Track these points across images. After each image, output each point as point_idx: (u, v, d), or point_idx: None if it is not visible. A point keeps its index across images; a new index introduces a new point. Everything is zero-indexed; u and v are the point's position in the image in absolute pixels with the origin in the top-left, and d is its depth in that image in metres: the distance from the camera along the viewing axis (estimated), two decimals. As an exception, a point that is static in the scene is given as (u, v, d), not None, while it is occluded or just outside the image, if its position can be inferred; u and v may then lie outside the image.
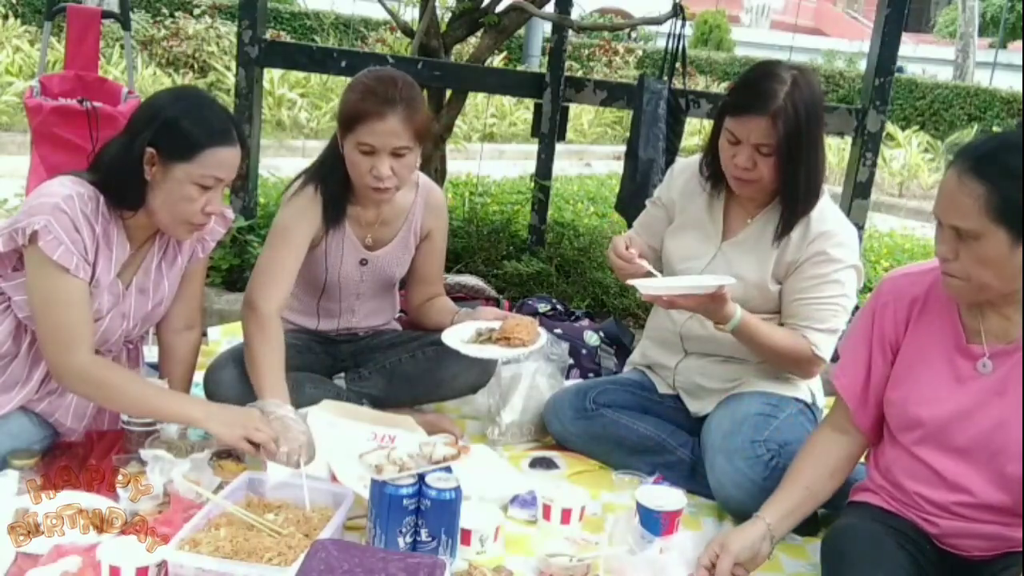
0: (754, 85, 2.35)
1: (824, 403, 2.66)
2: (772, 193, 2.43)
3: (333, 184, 2.47)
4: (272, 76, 8.78)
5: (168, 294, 2.31)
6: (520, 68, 10.65)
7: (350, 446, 2.16)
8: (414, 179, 2.62)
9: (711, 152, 2.47)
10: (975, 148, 1.73)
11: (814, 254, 2.40)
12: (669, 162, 3.52)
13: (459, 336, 2.49)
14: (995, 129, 12.07)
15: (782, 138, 2.28)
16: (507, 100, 10.11)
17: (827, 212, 2.44)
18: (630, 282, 2.40)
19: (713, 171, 2.49)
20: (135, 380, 2.17)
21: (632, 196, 3.54)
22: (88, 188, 2.08)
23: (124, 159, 2.06)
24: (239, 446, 2.08)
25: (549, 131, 4.00)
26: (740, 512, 2.37)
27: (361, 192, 2.46)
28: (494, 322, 2.52)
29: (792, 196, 2.39)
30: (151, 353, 2.53)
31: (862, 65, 11.67)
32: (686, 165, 2.63)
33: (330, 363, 2.74)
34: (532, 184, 4.21)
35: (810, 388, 2.57)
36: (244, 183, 3.96)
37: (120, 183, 2.08)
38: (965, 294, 1.80)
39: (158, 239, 2.26)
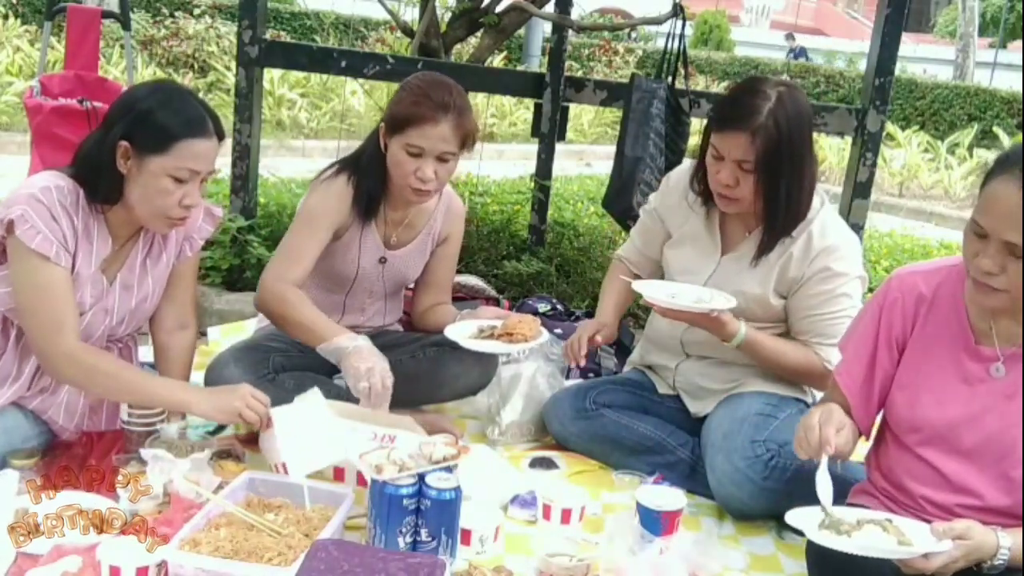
0: (737, 100, 2.34)
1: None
2: (758, 211, 2.41)
3: (370, 179, 2.50)
4: (272, 76, 8.78)
5: (153, 291, 2.30)
6: (520, 68, 10.65)
7: (350, 446, 2.16)
8: None
9: (701, 168, 2.44)
10: None
11: (819, 270, 2.39)
12: (675, 162, 3.51)
13: (461, 332, 2.51)
14: (995, 129, 12.06)
15: (761, 155, 2.26)
16: (507, 100, 10.11)
17: (828, 226, 2.42)
18: (635, 285, 2.45)
19: (704, 187, 2.47)
20: (125, 366, 2.17)
21: (617, 193, 3.56)
22: (68, 182, 2.08)
23: (97, 153, 2.06)
24: (232, 422, 2.09)
25: (549, 131, 4.00)
26: (740, 511, 2.38)
27: (398, 192, 2.50)
28: (496, 320, 2.54)
29: (772, 214, 2.37)
30: (149, 353, 2.52)
31: (862, 65, 11.67)
32: (682, 175, 2.61)
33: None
34: (532, 184, 4.21)
35: (810, 389, 2.56)
36: (244, 183, 3.96)
37: (94, 176, 2.08)
38: (1005, 305, 1.74)
39: (142, 236, 2.25)
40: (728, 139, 2.30)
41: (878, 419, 2.04)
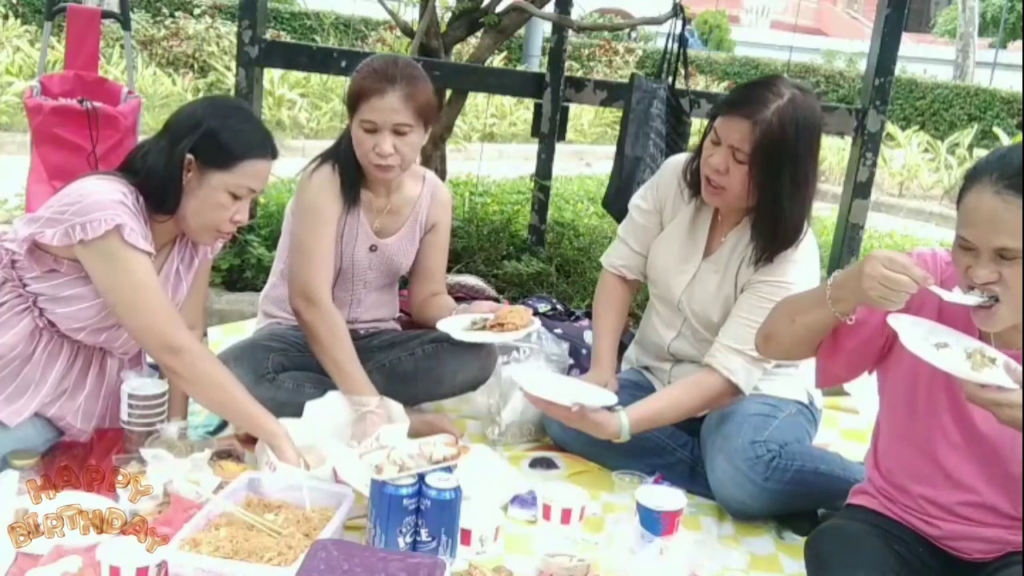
0: (750, 89, 2.32)
1: (822, 404, 2.65)
2: (743, 211, 2.39)
3: (348, 166, 2.53)
4: (272, 76, 8.77)
5: (183, 297, 2.34)
6: (520, 68, 10.64)
7: (341, 441, 2.17)
8: (421, 174, 2.69)
9: (698, 155, 2.41)
10: (1006, 164, 1.64)
11: (767, 279, 2.37)
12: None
13: (454, 325, 2.54)
14: (995, 129, 12.06)
15: (757, 148, 2.22)
16: (507, 100, 10.10)
17: None
18: (513, 375, 2.41)
19: (696, 178, 2.43)
20: (234, 379, 2.19)
21: (618, 193, 3.56)
22: (131, 188, 2.11)
23: (166, 165, 2.11)
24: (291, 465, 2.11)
25: (549, 131, 4.00)
26: (741, 512, 2.38)
27: (367, 173, 2.52)
28: (489, 313, 2.57)
29: (768, 224, 2.31)
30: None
31: (862, 65, 11.67)
32: (678, 163, 2.56)
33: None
34: (532, 184, 4.21)
35: (807, 390, 2.55)
36: (244, 183, 3.96)
37: (162, 188, 2.12)
38: (1010, 318, 1.69)
39: (177, 243, 2.29)
40: (729, 123, 2.26)
41: (875, 419, 2.04)
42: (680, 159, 2.57)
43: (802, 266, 2.37)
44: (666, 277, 2.55)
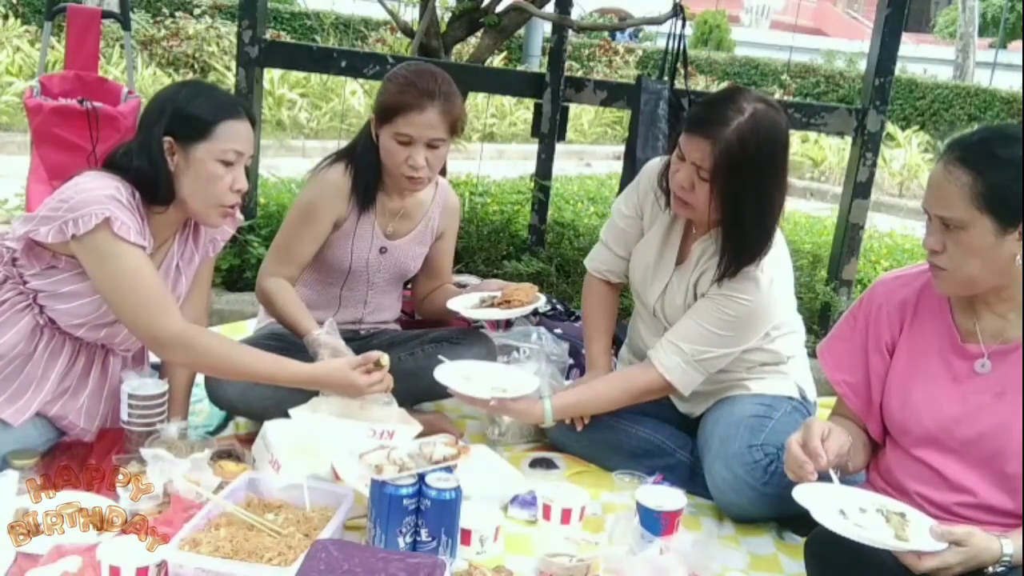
0: (711, 106, 2.29)
1: (816, 399, 2.64)
2: (711, 223, 2.38)
3: (365, 169, 2.54)
4: (272, 76, 8.77)
5: (184, 293, 2.34)
6: (520, 68, 10.64)
7: (350, 445, 2.17)
8: (434, 179, 2.69)
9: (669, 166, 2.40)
10: (963, 139, 1.76)
11: (726, 292, 2.36)
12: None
13: (464, 304, 2.59)
14: (994, 129, 12.08)
15: (719, 166, 2.20)
16: (507, 100, 10.10)
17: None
18: (436, 371, 2.39)
19: (668, 186, 2.41)
20: (235, 344, 2.23)
21: None
22: (124, 183, 2.10)
23: (148, 154, 2.10)
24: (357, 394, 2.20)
25: (549, 131, 4.00)
26: (740, 516, 2.38)
27: (393, 181, 2.55)
28: (496, 291, 2.63)
29: (736, 238, 2.30)
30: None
31: (862, 65, 11.67)
32: (651, 173, 2.55)
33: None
34: (532, 184, 4.21)
35: (797, 384, 2.55)
36: (244, 183, 3.95)
37: (152, 178, 2.12)
38: (953, 288, 1.80)
39: (177, 238, 2.28)
40: (691, 142, 2.25)
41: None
42: (656, 164, 2.55)
43: (763, 286, 2.35)
44: (643, 285, 2.55)
